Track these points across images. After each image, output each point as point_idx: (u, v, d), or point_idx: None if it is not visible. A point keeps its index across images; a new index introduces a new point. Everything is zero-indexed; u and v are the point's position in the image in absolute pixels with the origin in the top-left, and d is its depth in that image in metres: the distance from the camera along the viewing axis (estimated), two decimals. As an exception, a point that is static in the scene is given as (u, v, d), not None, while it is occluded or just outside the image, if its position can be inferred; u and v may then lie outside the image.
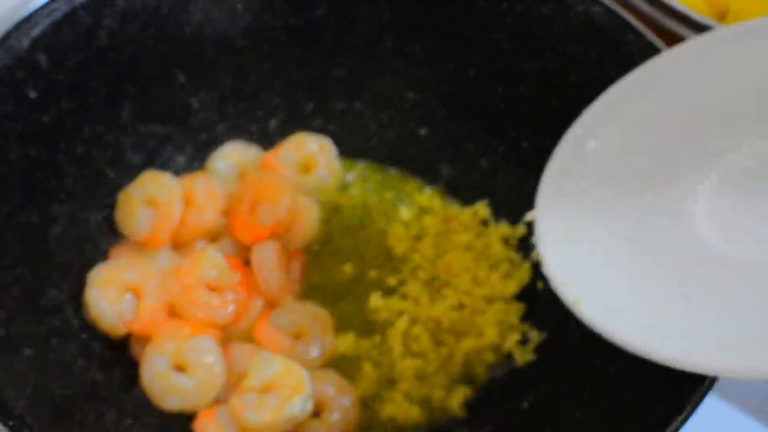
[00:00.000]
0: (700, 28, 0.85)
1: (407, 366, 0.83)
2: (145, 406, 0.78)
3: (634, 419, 0.70)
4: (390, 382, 0.83)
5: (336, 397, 0.79)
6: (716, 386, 0.66)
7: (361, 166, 0.96)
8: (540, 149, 0.88)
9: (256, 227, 0.86)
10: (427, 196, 0.94)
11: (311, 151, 0.92)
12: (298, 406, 0.76)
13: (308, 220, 0.89)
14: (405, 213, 0.93)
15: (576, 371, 0.80)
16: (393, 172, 0.96)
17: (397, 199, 0.95)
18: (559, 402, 0.79)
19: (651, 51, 0.80)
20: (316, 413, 0.79)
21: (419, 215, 0.93)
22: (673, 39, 0.85)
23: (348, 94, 0.95)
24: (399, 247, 0.90)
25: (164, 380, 0.77)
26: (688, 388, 0.66)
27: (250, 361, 0.78)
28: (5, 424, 0.64)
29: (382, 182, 0.96)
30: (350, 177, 0.95)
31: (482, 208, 0.92)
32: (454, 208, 0.93)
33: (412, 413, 0.81)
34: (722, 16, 0.93)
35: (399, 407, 0.81)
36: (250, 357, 0.78)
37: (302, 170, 0.92)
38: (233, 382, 0.78)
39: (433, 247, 0.90)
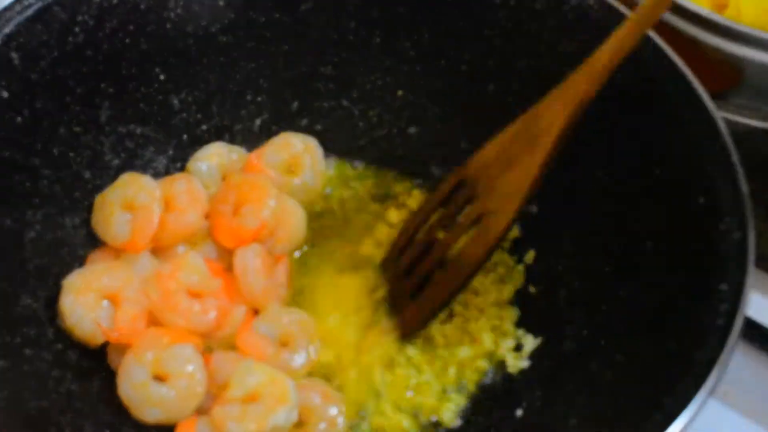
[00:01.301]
0: (698, 20, 0.83)
1: (397, 375, 0.80)
2: (123, 417, 0.75)
3: (631, 426, 0.67)
4: (379, 392, 0.80)
5: (322, 407, 0.77)
6: (717, 391, 0.64)
7: (348, 166, 0.94)
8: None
9: (240, 230, 0.83)
10: (416, 197, 0.91)
11: (296, 152, 0.89)
12: (283, 416, 0.73)
13: (294, 222, 0.86)
14: (394, 215, 0.90)
15: (571, 377, 0.78)
16: (381, 173, 0.94)
17: (386, 201, 0.92)
18: (553, 409, 0.77)
19: (648, 44, 0.78)
20: (301, 423, 0.76)
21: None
22: (671, 31, 0.83)
23: (335, 92, 0.92)
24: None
25: (143, 390, 0.74)
26: (687, 394, 0.63)
27: (233, 370, 0.75)
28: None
29: (370, 183, 0.93)
30: (337, 177, 0.93)
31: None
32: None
33: (401, 424, 0.78)
34: (721, 8, 0.90)
35: (388, 418, 0.78)
36: (232, 366, 0.76)
37: (287, 171, 0.89)
38: (215, 391, 0.76)
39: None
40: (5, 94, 0.75)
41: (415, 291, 0.83)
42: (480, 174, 0.81)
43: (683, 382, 0.64)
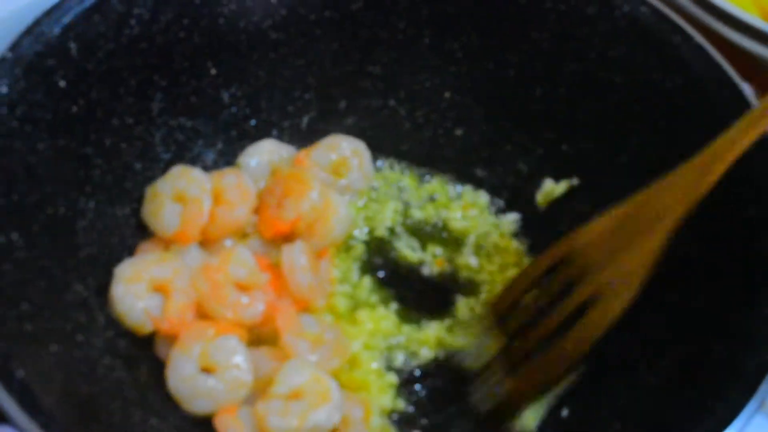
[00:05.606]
0: (749, 29, 0.83)
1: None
2: (171, 406, 0.75)
3: (676, 432, 0.67)
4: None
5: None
6: (766, 404, 0.64)
7: (393, 166, 0.94)
8: (580, 152, 0.86)
9: (277, 221, 0.83)
10: (460, 198, 0.92)
11: (345, 154, 0.90)
12: (324, 414, 0.73)
13: (335, 218, 0.86)
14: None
15: (615, 382, 0.78)
16: (427, 173, 0.94)
17: (431, 202, 0.92)
18: (597, 412, 0.77)
19: (699, 53, 0.78)
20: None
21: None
22: (721, 41, 0.83)
23: (383, 92, 0.93)
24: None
25: (192, 384, 0.74)
26: (738, 400, 0.63)
27: (278, 367, 0.75)
28: (34, 419, 0.61)
29: (415, 182, 0.93)
30: (382, 177, 0.93)
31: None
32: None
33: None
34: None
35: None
36: (269, 362, 0.76)
37: (334, 172, 0.90)
38: (257, 388, 0.75)
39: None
40: (62, 84, 0.76)
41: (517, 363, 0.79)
42: (588, 252, 0.76)
43: (734, 389, 0.64)
